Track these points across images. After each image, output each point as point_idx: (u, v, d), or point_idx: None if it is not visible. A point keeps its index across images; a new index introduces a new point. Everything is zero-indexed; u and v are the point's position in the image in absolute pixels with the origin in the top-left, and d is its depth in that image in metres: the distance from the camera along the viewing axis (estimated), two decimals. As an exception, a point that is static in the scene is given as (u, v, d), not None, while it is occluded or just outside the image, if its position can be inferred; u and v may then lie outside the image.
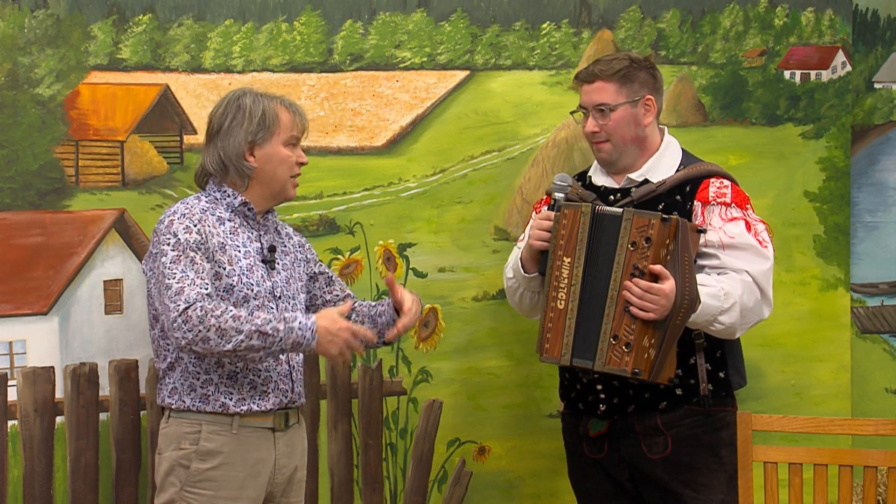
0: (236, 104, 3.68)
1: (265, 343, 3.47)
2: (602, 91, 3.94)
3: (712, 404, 3.95)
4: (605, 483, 4.03)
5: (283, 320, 3.48)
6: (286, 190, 3.72)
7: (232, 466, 3.61)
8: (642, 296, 3.67)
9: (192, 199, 3.70)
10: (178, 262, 3.54)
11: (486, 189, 4.45)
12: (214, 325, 3.44)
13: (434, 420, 4.41)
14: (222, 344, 3.45)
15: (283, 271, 3.73)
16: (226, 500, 3.61)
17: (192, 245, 3.56)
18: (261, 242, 3.71)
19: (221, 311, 3.46)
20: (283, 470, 3.71)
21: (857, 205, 4.82)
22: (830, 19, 4.72)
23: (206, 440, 3.61)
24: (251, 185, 3.68)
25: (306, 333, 3.48)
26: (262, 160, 3.67)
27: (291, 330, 3.48)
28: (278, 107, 3.69)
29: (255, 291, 3.62)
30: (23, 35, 3.99)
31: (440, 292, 4.41)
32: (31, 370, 4.01)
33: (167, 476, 3.63)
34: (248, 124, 3.65)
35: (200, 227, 3.59)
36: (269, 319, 3.47)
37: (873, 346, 4.88)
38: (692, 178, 3.94)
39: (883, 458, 4.01)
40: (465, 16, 4.44)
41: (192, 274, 3.53)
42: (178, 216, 3.61)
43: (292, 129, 3.69)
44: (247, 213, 3.69)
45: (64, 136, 4.04)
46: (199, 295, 3.49)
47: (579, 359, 3.78)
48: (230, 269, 3.61)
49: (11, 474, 4.00)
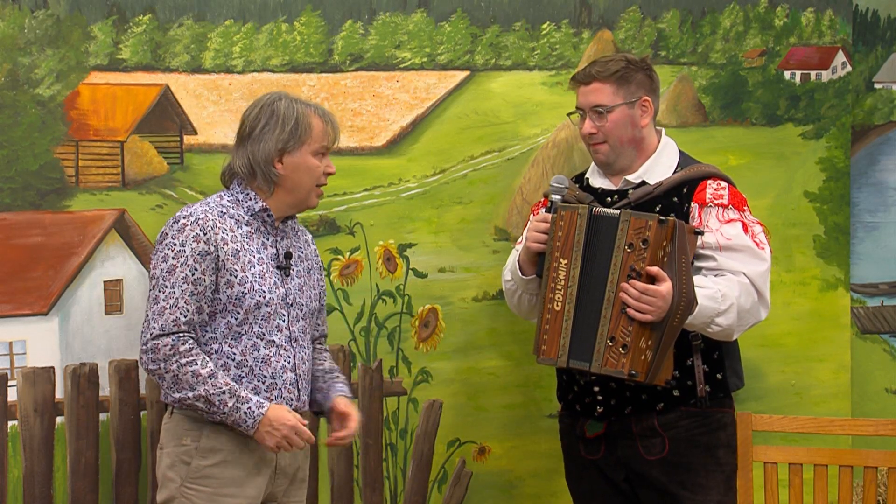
0: (270, 108, 3.67)
1: (208, 409, 3.54)
2: (599, 92, 3.94)
3: (709, 405, 3.94)
4: (602, 484, 4.03)
5: (235, 397, 3.52)
6: (309, 199, 3.72)
7: (232, 464, 3.61)
8: (639, 297, 3.67)
9: (214, 198, 3.69)
10: (172, 274, 3.56)
11: (486, 189, 4.45)
12: (174, 370, 3.53)
13: (434, 420, 4.41)
14: (172, 389, 3.55)
15: (297, 278, 3.73)
16: (225, 497, 3.61)
17: (197, 255, 3.57)
18: (276, 249, 3.71)
19: (188, 360, 3.53)
20: (285, 470, 3.71)
21: (857, 205, 4.82)
22: (830, 19, 4.72)
23: (208, 437, 3.61)
24: (276, 191, 3.68)
25: (248, 420, 3.53)
26: (290, 168, 3.66)
27: (237, 409, 3.52)
28: (312, 115, 3.68)
29: (266, 299, 3.63)
30: (23, 35, 3.99)
31: (440, 292, 4.41)
32: (31, 370, 4.01)
33: (168, 471, 3.64)
34: (280, 131, 3.64)
35: (211, 236, 3.59)
36: (222, 390, 3.52)
37: (873, 346, 4.88)
38: (689, 179, 3.94)
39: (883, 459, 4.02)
40: (466, 16, 4.44)
41: (180, 292, 3.55)
42: (191, 221, 3.60)
43: (323, 140, 3.69)
44: (265, 218, 3.69)
45: (64, 137, 4.04)
46: (176, 324, 3.54)
47: (576, 360, 3.78)
48: (242, 277, 3.61)
49: (11, 474, 4.00)
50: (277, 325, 3.66)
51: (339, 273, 4.30)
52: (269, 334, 3.65)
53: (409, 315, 4.38)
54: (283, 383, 3.66)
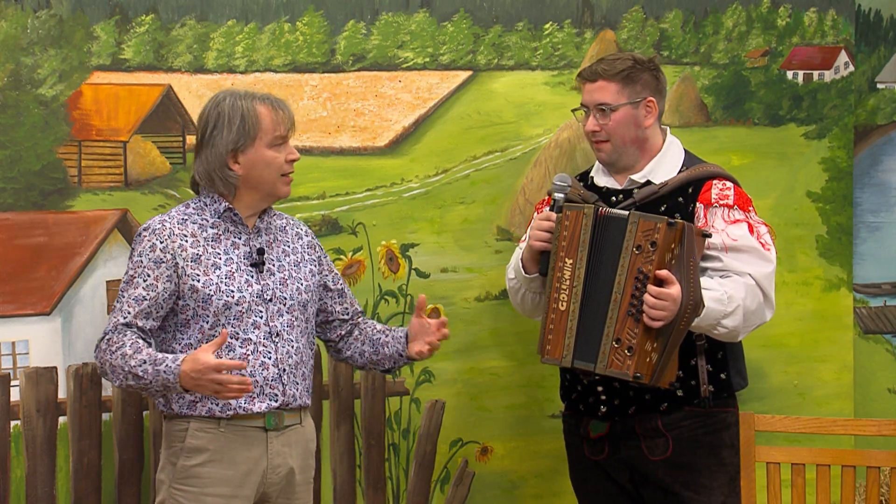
0: (216, 111, 3.62)
1: (139, 384, 3.50)
2: (604, 91, 3.94)
3: (713, 406, 3.94)
4: (606, 485, 4.03)
5: (153, 363, 3.47)
6: (277, 190, 3.67)
7: (219, 464, 3.59)
8: (655, 304, 3.66)
9: (179, 207, 3.69)
10: (129, 284, 3.59)
11: (488, 189, 4.45)
12: (109, 360, 3.53)
13: (436, 420, 4.41)
14: (113, 379, 3.55)
15: (278, 273, 3.70)
16: (213, 497, 3.59)
17: (151, 264, 3.58)
18: (249, 247, 3.69)
19: (118, 346, 3.51)
20: (277, 470, 3.67)
21: (860, 205, 4.81)
22: (833, 19, 4.72)
23: (192, 437, 3.60)
24: (239, 192, 3.65)
25: (170, 377, 3.45)
26: (247, 166, 3.62)
27: (158, 373, 3.46)
28: (259, 107, 3.61)
29: (236, 298, 3.60)
30: (26, 35, 3.99)
31: (442, 292, 4.41)
32: (33, 370, 4.01)
33: (160, 473, 3.65)
34: (228, 132, 3.59)
35: (168, 244, 3.59)
36: (143, 361, 3.47)
37: (876, 346, 4.88)
38: (694, 179, 3.94)
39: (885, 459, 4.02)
40: (468, 16, 4.44)
41: (126, 297, 3.56)
42: (148, 232, 3.62)
43: (275, 129, 3.62)
44: (233, 218, 3.66)
45: (67, 137, 4.04)
46: (115, 325, 3.55)
47: (581, 361, 3.78)
48: (206, 280, 3.59)
49: (14, 475, 4.00)
50: (254, 322, 3.62)
51: (341, 273, 4.30)
52: (245, 332, 3.62)
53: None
54: (265, 380, 3.62)
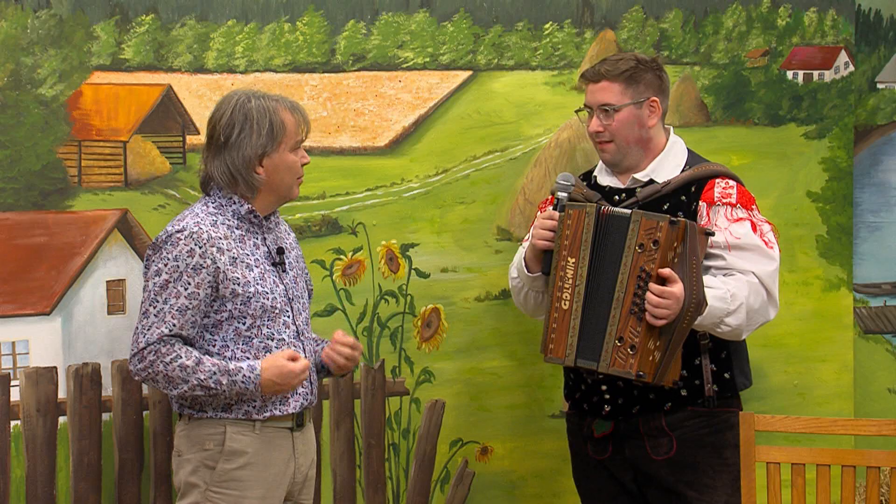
0: (242, 113, 3.61)
1: (209, 394, 3.55)
2: (607, 91, 3.94)
3: (717, 405, 3.95)
4: (609, 484, 4.03)
5: (226, 373, 3.53)
6: (291, 192, 3.71)
7: (257, 466, 3.61)
8: (658, 303, 3.66)
9: (200, 207, 3.66)
10: (164, 289, 3.56)
11: (488, 189, 4.45)
12: (162, 371, 3.53)
13: (436, 420, 4.41)
14: (170, 389, 3.56)
15: (290, 271, 3.73)
16: (252, 500, 3.61)
17: (191, 270, 3.56)
18: (267, 246, 3.70)
19: (171, 357, 3.53)
20: (301, 469, 3.72)
21: (860, 205, 4.81)
22: (833, 19, 4.72)
23: (231, 440, 3.60)
24: (259, 193, 3.66)
25: (249, 387, 3.54)
26: (271, 170, 3.64)
27: (234, 384, 3.53)
28: (283, 111, 3.64)
29: (270, 299, 3.62)
30: (26, 35, 3.99)
31: (443, 292, 4.41)
32: (33, 370, 4.00)
33: (190, 477, 3.62)
34: (258, 136, 3.60)
35: (207, 249, 3.57)
36: (213, 372, 3.52)
37: (876, 346, 4.88)
38: (697, 178, 3.94)
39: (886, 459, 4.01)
40: (468, 16, 4.44)
41: (168, 307, 3.54)
42: (184, 236, 3.57)
43: (297, 134, 3.67)
44: (253, 219, 3.68)
45: (67, 137, 4.04)
46: (160, 336, 3.54)
47: (584, 360, 3.78)
48: (245, 283, 3.60)
49: (14, 475, 4.00)
50: (284, 322, 3.66)
51: (341, 273, 4.30)
52: (279, 333, 3.65)
53: (412, 315, 4.38)
54: None
